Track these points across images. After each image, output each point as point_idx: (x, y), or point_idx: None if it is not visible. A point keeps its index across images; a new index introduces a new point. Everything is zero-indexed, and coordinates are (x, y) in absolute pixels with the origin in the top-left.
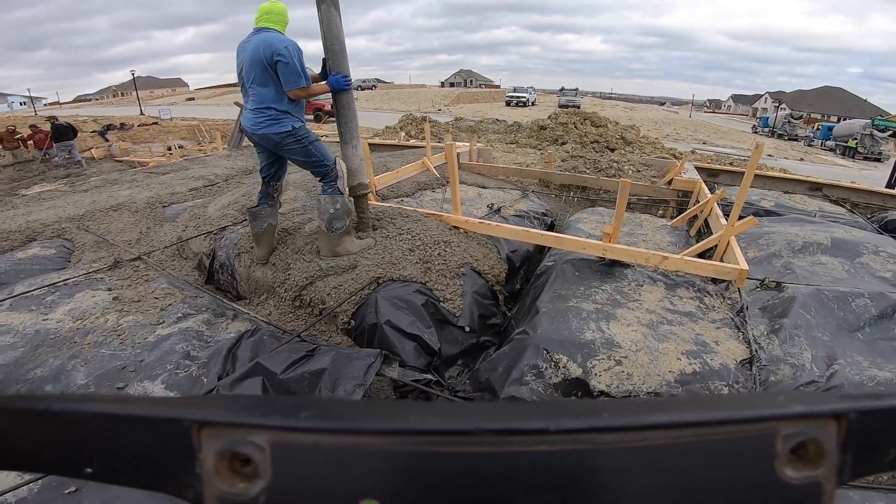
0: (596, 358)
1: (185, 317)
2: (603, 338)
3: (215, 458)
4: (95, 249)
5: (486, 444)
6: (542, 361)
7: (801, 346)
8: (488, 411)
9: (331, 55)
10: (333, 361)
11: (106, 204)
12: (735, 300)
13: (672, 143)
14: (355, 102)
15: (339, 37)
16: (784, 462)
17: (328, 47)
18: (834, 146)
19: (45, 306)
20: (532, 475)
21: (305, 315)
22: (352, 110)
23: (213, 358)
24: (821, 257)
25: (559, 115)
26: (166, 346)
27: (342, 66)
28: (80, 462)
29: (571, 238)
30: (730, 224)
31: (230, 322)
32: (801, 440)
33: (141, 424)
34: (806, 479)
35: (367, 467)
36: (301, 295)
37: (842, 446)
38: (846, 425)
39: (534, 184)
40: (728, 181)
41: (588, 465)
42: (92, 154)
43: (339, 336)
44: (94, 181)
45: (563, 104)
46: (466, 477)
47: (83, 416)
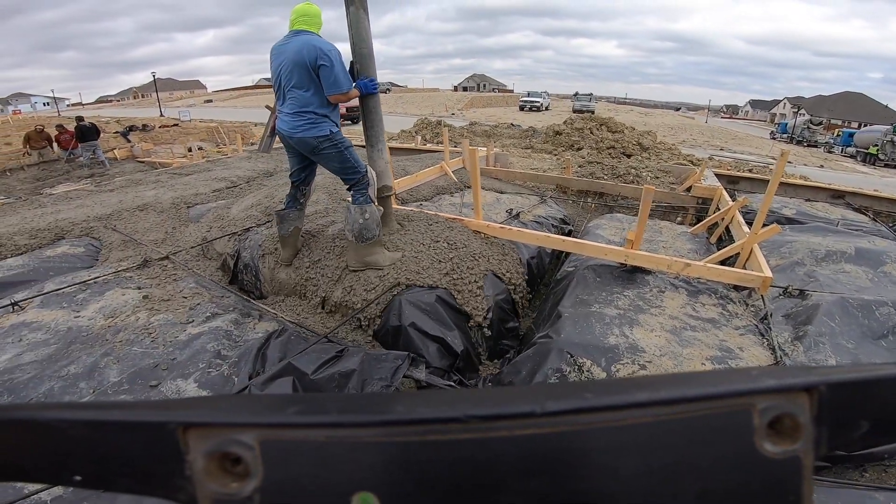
0: (620, 362)
1: (213, 316)
2: (626, 342)
3: (204, 459)
4: (122, 248)
5: (474, 430)
6: (566, 365)
7: (826, 354)
8: (475, 397)
9: (359, 59)
10: (362, 363)
11: (132, 204)
12: (758, 307)
13: (689, 149)
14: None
15: (367, 40)
16: (763, 437)
17: (356, 51)
18: (855, 153)
19: (76, 304)
20: (522, 459)
21: (329, 316)
22: (378, 114)
23: (243, 357)
24: (844, 265)
25: (575, 121)
26: (197, 344)
27: (370, 70)
28: (69, 470)
29: (593, 244)
30: (753, 231)
31: (257, 322)
32: (777, 414)
33: (126, 430)
34: (785, 453)
35: (359, 460)
36: (327, 297)
37: (816, 420)
38: (817, 398)
39: (551, 189)
40: (748, 188)
41: (575, 447)
42: (115, 154)
43: (364, 337)
44: (119, 181)
45: (577, 109)
46: (457, 464)
47: (68, 424)
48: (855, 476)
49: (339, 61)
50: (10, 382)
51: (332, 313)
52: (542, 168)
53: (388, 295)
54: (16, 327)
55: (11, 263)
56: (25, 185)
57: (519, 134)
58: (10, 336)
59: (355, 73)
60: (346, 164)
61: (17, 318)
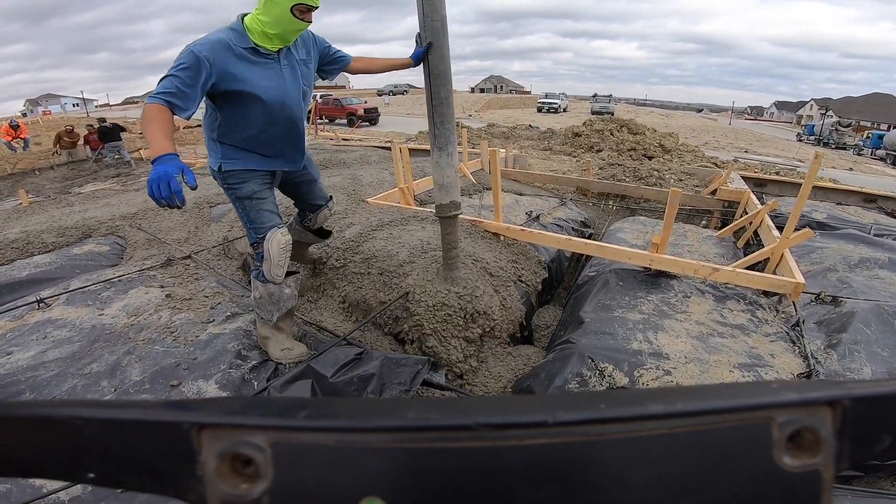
0: (643, 367)
1: (233, 316)
2: (651, 348)
3: (216, 459)
4: (147, 247)
5: (485, 438)
6: (587, 369)
7: (861, 362)
8: (487, 405)
9: (430, 32)
10: (381, 367)
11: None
12: (789, 314)
13: (712, 151)
14: (387, 107)
15: (440, 10)
16: (782, 450)
17: (427, 24)
18: (885, 155)
19: (100, 302)
20: (532, 468)
21: (347, 316)
22: (450, 108)
23: (265, 360)
24: (879, 272)
25: (594, 122)
26: (218, 344)
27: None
28: (83, 467)
29: (615, 247)
30: (784, 236)
31: None
32: (797, 428)
33: (141, 428)
34: (804, 467)
35: (368, 465)
36: (346, 297)
37: (838, 434)
38: (841, 412)
39: (570, 192)
40: (776, 191)
41: (587, 457)
42: (141, 155)
43: (383, 337)
44: (145, 181)
45: (596, 111)
46: (466, 472)
47: (84, 422)
48: (886, 485)
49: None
50: (33, 380)
51: (353, 313)
52: (562, 170)
53: (402, 301)
54: (41, 324)
55: (39, 261)
56: (55, 184)
57: (537, 135)
58: (35, 333)
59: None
60: (241, 219)
61: (42, 315)
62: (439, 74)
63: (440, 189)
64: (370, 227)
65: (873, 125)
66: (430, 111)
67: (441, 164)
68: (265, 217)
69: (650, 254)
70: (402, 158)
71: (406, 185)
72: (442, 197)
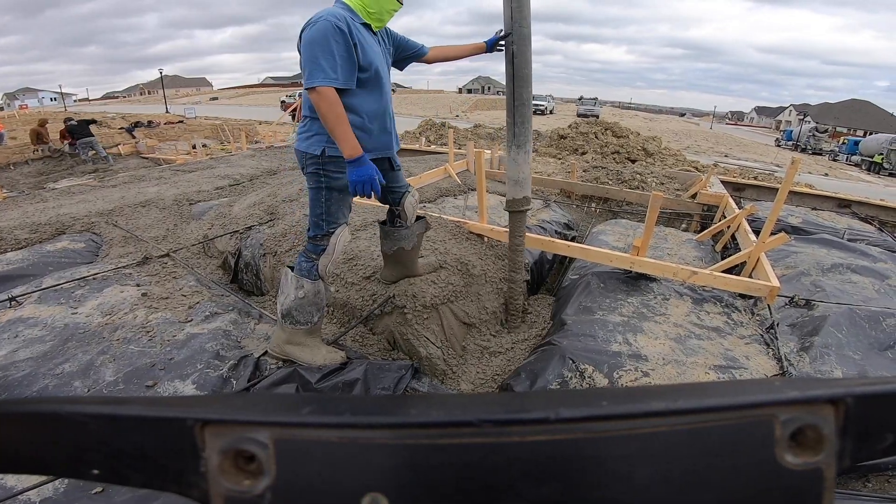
0: (622, 369)
1: (213, 315)
2: (630, 350)
3: (219, 456)
4: (123, 245)
5: (487, 435)
6: (568, 371)
7: (832, 365)
8: (489, 402)
9: (518, 40)
10: (366, 373)
11: (134, 200)
12: (764, 317)
13: (693, 155)
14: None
15: (527, 17)
16: (784, 448)
17: (516, 30)
18: (860, 161)
19: (74, 300)
20: (534, 465)
21: (331, 319)
22: (529, 108)
23: (243, 360)
24: (851, 276)
25: (580, 125)
26: (196, 344)
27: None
28: (87, 464)
29: (598, 250)
30: (761, 240)
31: (257, 323)
32: (800, 426)
33: (145, 425)
34: (806, 465)
35: (371, 461)
36: (330, 298)
37: (840, 432)
38: (843, 410)
39: (555, 194)
40: (754, 196)
41: (589, 454)
42: (119, 150)
43: (371, 337)
44: (123, 177)
45: (581, 113)
46: (469, 468)
47: (90, 419)
48: (858, 486)
49: (314, 40)
50: (3, 380)
51: (334, 316)
52: (547, 172)
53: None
54: (12, 323)
55: (11, 258)
56: (29, 179)
57: None
58: (7, 332)
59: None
60: (315, 207)
61: (14, 313)
62: (523, 77)
63: (514, 184)
64: (354, 228)
65: (850, 131)
66: (510, 111)
67: (518, 161)
68: (344, 212)
69: (632, 256)
70: None
71: None
72: (516, 192)
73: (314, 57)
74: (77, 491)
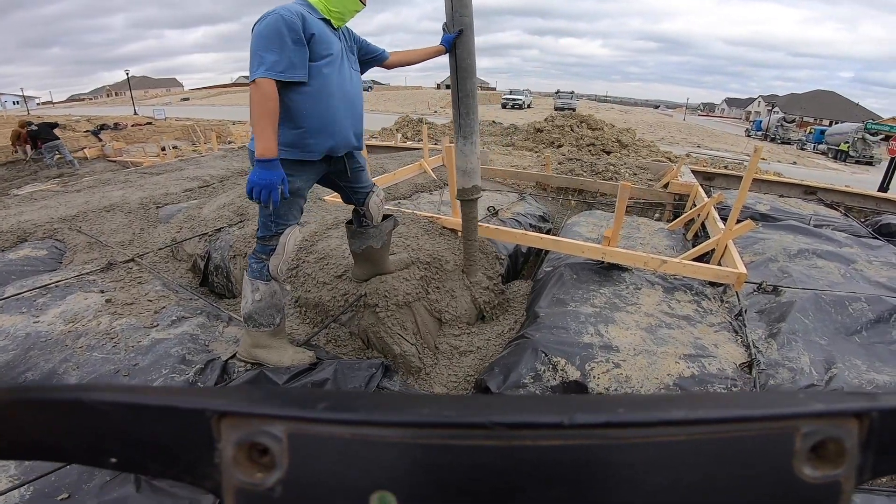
0: (594, 361)
1: (179, 320)
2: (601, 341)
3: (234, 448)
4: (88, 251)
5: (499, 437)
6: (541, 364)
7: (799, 350)
8: (502, 405)
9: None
10: (336, 372)
11: (99, 204)
12: (733, 304)
13: (667, 146)
14: None
15: (468, 6)
16: (803, 461)
17: (457, 19)
18: (826, 150)
19: (36, 308)
20: (545, 469)
21: (303, 319)
22: (475, 100)
23: (210, 364)
24: (817, 261)
25: (555, 118)
26: (161, 349)
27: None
28: (106, 452)
29: (570, 241)
30: (728, 228)
31: (226, 326)
32: (821, 438)
33: (165, 414)
34: (825, 479)
35: (381, 459)
36: (299, 300)
37: (863, 446)
38: (868, 424)
39: (531, 186)
40: (724, 184)
41: (602, 461)
42: (85, 154)
43: (347, 338)
44: (87, 181)
45: (558, 107)
46: (479, 470)
47: (111, 406)
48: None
49: (261, 34)
50: None
51: (306, 316)
52: (523, 165)
53: (362, 302)
54: None
55: None
56: None
57: (500, 131)
58: None
59: (453, 33)
60: (263, 209)
61: None
62: (466, 68)
63: (463, 174)
64: (325, 226)
65: (816, 121)
66: (455, 102)
67: (465, 152)
68: (294, 214)
69: (603, 247)
70: None
71: None
72: (465, 182)
73: (259, 50)
74: (42, 498)
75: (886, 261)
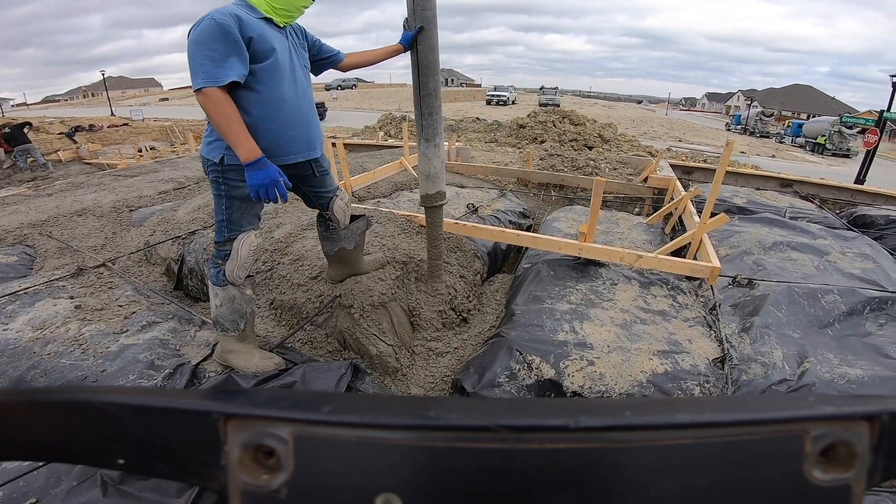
0: (569, 359)
1: (150, 325)
2: (576, 338)
3: (240, 450)
4: (59, 256)
5: (505, 440)
6: (516, 363)
7: (772, 345)
8: (508, 407)
9: (421, 21)
10: (304, 374)
11: (70, 209)
12: (708, 298)
13: (649, 140)
14: (336, 102)
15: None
16: (813, 464)
17: (418, 13)
18: (804, 143)
19: (4, 316)
20: (551, 472)
21: (279, 322)
22: (438, 99)
23: (179, 369)
24: (791, 253)
25: (538, 114)
26: (129, 355)
27: (431, 38)
28: (114, 453)
29: (547, 238)
30: (702, 221)
31: (198, 330)
32: (831, 442)
33: (172, 416)
34: (835, 482)
35: (387, 462)
36: (274, 302)
37: (874, 448)
38: (879, 427)
39: (512, 183)
40: (702, 178)
41: (608, 464)
42: (59, 156)
43: (323, 340)
44: (60, 185)
45: (543, 103)
46: (485, 473)
47: (120, 408)
48: None
49: (196, 41)
50: None
51: (281, 318)
52: (505, 162)
53: (336, 303)
54: None
55: None
56: None
57: (484, 128)
58: None
59: (406, 29)
60: (217, 214)
61: None
62: (428, 65)
63: (427, 179)
64: (301, 227)
65: (794, 115)
66: (417, 103)
67: (428, 155)
68: (248, 219)
69: (579, 243)
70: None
71: (340, 182)
72: (428, 187)
73: (196, 58)
74: (10, 503)
75: (860, 252)
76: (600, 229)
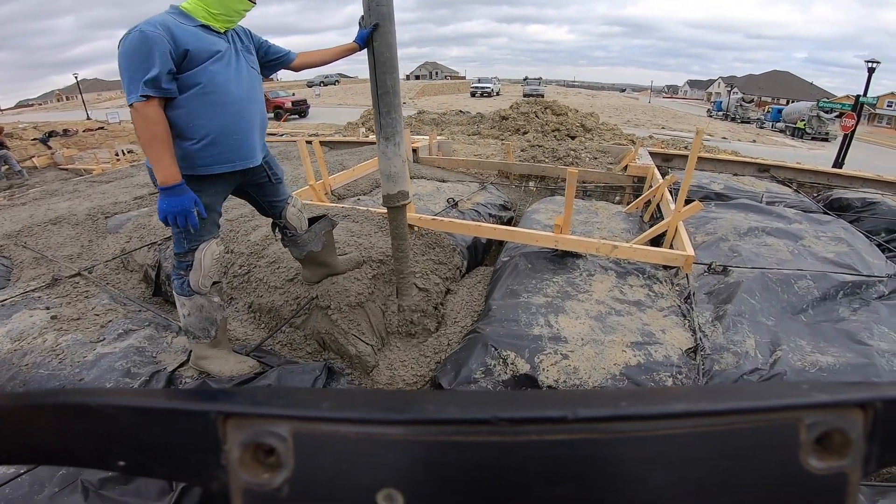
0: (543, 353)
1: (126, 333)
2: (551, 332)
3: (240, 449)
4: (35, 266)
5: (503, 433)
6: (491, 359)
7: (745, 333)
8: (506, 400)
9: (377, 18)
10: (279, 377)
11: (44, 217)
12: (683, 286)
13: (632, 128)
14: (319, 98)
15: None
16: (808, 452)
17: (374, 9)
18: (784, 128)
19: None
20: (550, 464)
21: (258, 325)
22: (397, 98)
23: (155, 376)
24: (766, 239)
25: (521, 105)
26: (105, 363)
27: (388, 34)
28: (113, 455)
29: (523, 231)
30: (676, 210)
31: (175, 336)
32: (826, 430)
33: (170, 417)
34: (831, 470)
35: (387, 457)
36: (252, 305)
37: (868, 436)
38: (872, 415)
39: (494, 175)
40: (681, 165)
41: (606, 455)
42: (34, 163)
43: (302, 342)
44: (34, 193)
45: (527, 94)
46: (483, 466)
47: (118, 410)
48: None
49: (125, 54)
50: None
51: (260, 321)
52: (487, 154)
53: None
54: None
55: None
56: None
57: (467, 120)
58: None
59: (361, 26)
60: (172, 227)
61: None
62: (385, 62)
63: (388, 179)
64: None
65: (774, 100)
66: (375, 101)
67: (388, 155)
68: (207, 230)
69: (555, 235)
70: (310, 154)
71: (318, 182)
72: (389, 187)
73: (127, 72)
74: None
75: (834, 235)
76: (580, 219)
